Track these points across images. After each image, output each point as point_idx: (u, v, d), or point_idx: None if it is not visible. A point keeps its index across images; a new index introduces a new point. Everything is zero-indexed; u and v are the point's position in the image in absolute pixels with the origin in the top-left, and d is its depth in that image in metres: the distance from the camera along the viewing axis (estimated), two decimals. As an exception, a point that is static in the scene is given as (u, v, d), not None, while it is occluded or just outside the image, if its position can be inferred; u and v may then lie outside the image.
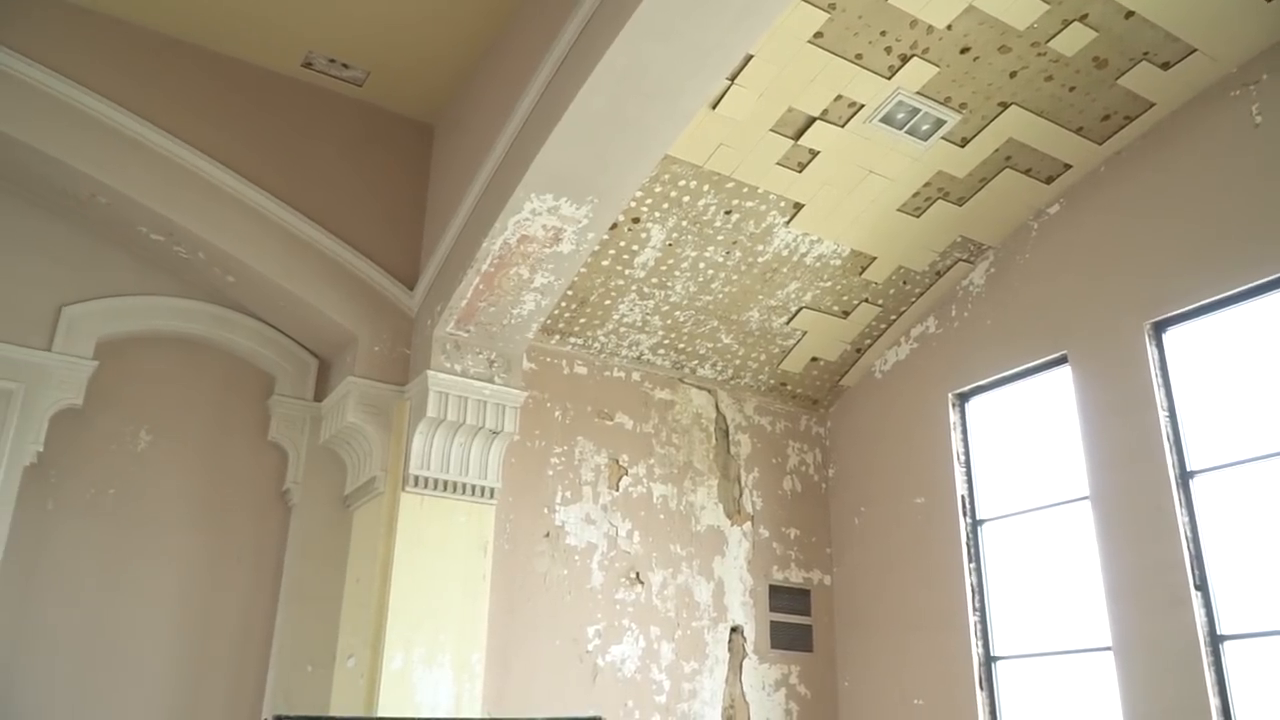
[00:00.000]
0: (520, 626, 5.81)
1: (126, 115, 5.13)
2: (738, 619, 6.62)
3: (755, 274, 6.47)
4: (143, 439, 5.45)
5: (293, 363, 5.93)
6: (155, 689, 5.13)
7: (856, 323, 6.97)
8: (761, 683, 6.57)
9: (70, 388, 5.15)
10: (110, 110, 5.09)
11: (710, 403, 7.03)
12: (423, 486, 5.36)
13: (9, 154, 5.04)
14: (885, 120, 5.69)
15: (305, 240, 5.53)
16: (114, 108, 5.10)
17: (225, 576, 5.47)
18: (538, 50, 4.83)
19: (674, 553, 6.52)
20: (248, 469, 5.71)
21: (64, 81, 5.00)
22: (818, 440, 7.47)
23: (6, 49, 4.89)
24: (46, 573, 5.03)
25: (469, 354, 5.57)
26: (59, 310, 5.24)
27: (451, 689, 5.10)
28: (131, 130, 5.14)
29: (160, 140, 5.20)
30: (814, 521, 7.21)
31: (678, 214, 5.98)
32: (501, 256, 5.19)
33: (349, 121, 5.96)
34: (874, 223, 6.32)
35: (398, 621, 5.07)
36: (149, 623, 5.21)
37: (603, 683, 5.98)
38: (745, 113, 5.51)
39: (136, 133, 5.15)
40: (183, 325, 5.65)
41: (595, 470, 6.39)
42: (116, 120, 5.10)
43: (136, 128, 5.15)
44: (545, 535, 6.07)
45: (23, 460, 4.96)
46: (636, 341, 6.64)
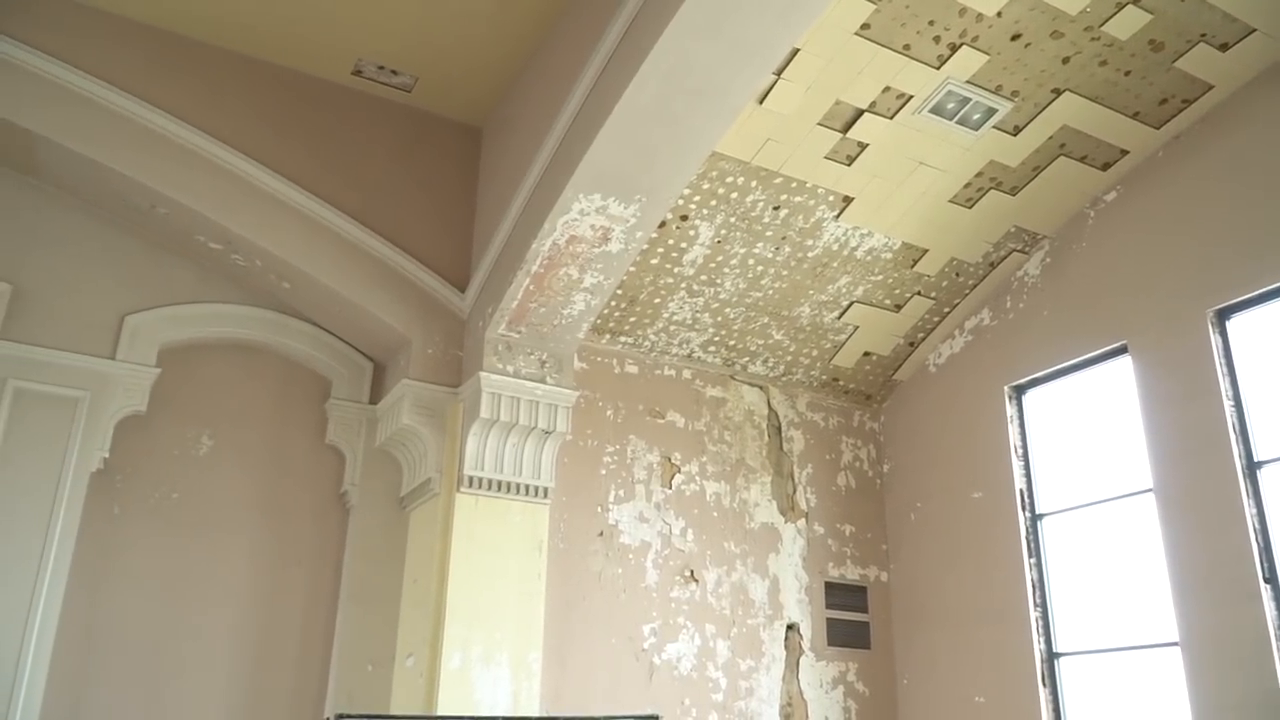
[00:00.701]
0: (576, 625, 5.83)
1: (184, 127, 5.25)
2: (793, 616, 6.58)
3: (805, 269, 6.43)
4: (204, 443, 5.57)
5: (348, 366, 6.02)
6: (221, 688, 5.25)
7: (909, 316, 6.89)
8: (819, 680, 6.53)
9: (134, 394, 5.29)
10: (168, 122, 5.22)
11: (762, 399, 7.00)
12: (477, 487, 5.40)
13: (73, 168, 5.19)
14: (935, 111, 5.62)
15: (358, 245, 5.61)
16: (172, 120, 5.23)
17: (286, 577, 5.57)
18: (583, 51, 4.84)
19: (728, 550, 6.50)
20: (306, 471, 5.81)
21: (123, 95, 5.13)
22: (871, 436, 7.40)
23: (69, 65, 5.03)
24: (115, 575, 5.16)
25: (520, 355, 5.60)
26: (122, 319, 5.38)
27: (509, 687, 5.14)
28: (189, 142, 5.26)
29: (216, 151, 5.31)
30: (869, 517, 7.15)
31: (726, 210, 5.96)
32: (551, 257, 5.21)
33: (399, 127, 6.04)
34: (925, 215, 6.25)
35: (455, 621, 5.12)
36: (214, 623, 5.32)
37: (659, 681, 5.99)
38: (792, 107, 5.47)
39: (193, 144, 5.27)
40: (241, 331, 5.77)
41: (648, 469, 6.39)
42: (174, 132, 5.23)
43: (194, 139, 5.27)
44: (599, 534, 6.09)
45: (90, 466, 5.10)
46: (687, 339, 6.64)
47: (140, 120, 5.17)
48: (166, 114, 5.23)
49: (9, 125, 4.95)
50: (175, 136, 5.23)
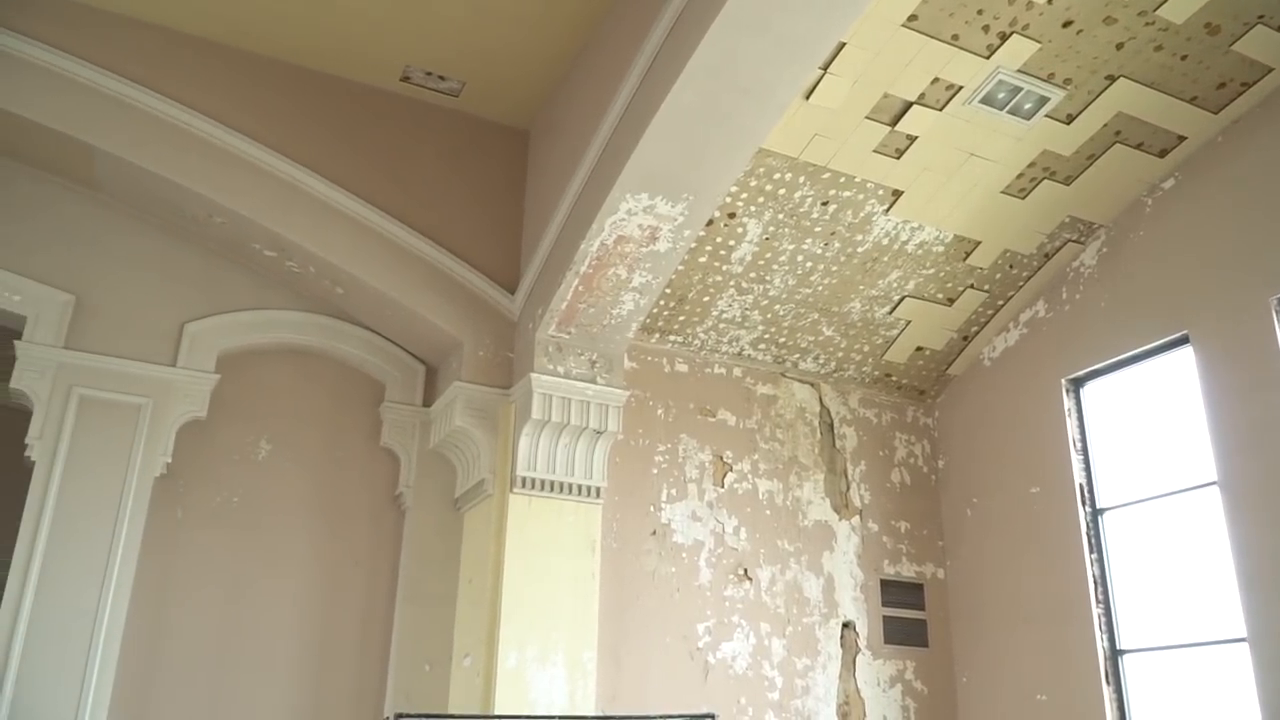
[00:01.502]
0: (630, 624, 5.84)
1: (238, 137, 5.35)
2: (849, 614, 6.53)
3: (855, 264, 6.37)
4: (263, 448, 5.67)
5: (401, 370, 6.09)
6: (283, 687, 5.34)
7: (962, 310, 6.80)
8: (876, 679, 6.47)
9: (195, 401, 5.40)
10: (223, 133, 5.32)
11: (813, 396, 6.95)
12: (530, 487, 5.43)
13: (131, 180, 5.32)
14: (985, 101, 5.54)
15: (409, 250, 5.67)
16: (226, 130, 5.33)
17: (344, 579, 5.65)
18: (628, 51, 4.85)
19: (782, 548, 6.47)
20: (362, 474, 5.89)
21: (179, 107, 5.25)
22: (925, 431, 7.31)
23: (127, 80, 5.16)
24: (179, 577, 5.28)
25: (571, 355, 5.62)
26: (182, 327, 5.50)
27: (565, 687, 5.16)
28: (243, 151, 5.36)
29: (270, 160, 5.40)
30: (925, 514, 7.06)
31: (774, 207, 5.93)
32: (599, 258, 5.23)
33: (447, 131, 6.09)
34: (977, 207, 6.16)
35: (510, 621, 5.15)
36: (275, 624, 5.42)
37: (714, 680, 5.97)
38: (839, 101, 5.43)
39: (248, 154, 5.36)
40: (297, 337, 5.87)
41: (699, 467, 6.38)
42: (229, 143, 5.33)
43: (248, 149, 5.36)
44: (652, 533, 6.09)
45: (153, 471, 5.22)
46: (736, 337, 6.61)
47: (196, 131, 5.28)
48: (221, 125, 5.33)
49: (70, 140, 5.08)
50: (230, 147, 5.33)
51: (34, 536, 4.87)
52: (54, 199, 5.43)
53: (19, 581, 4.78)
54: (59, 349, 5.18)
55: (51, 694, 4.69)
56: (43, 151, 5.27)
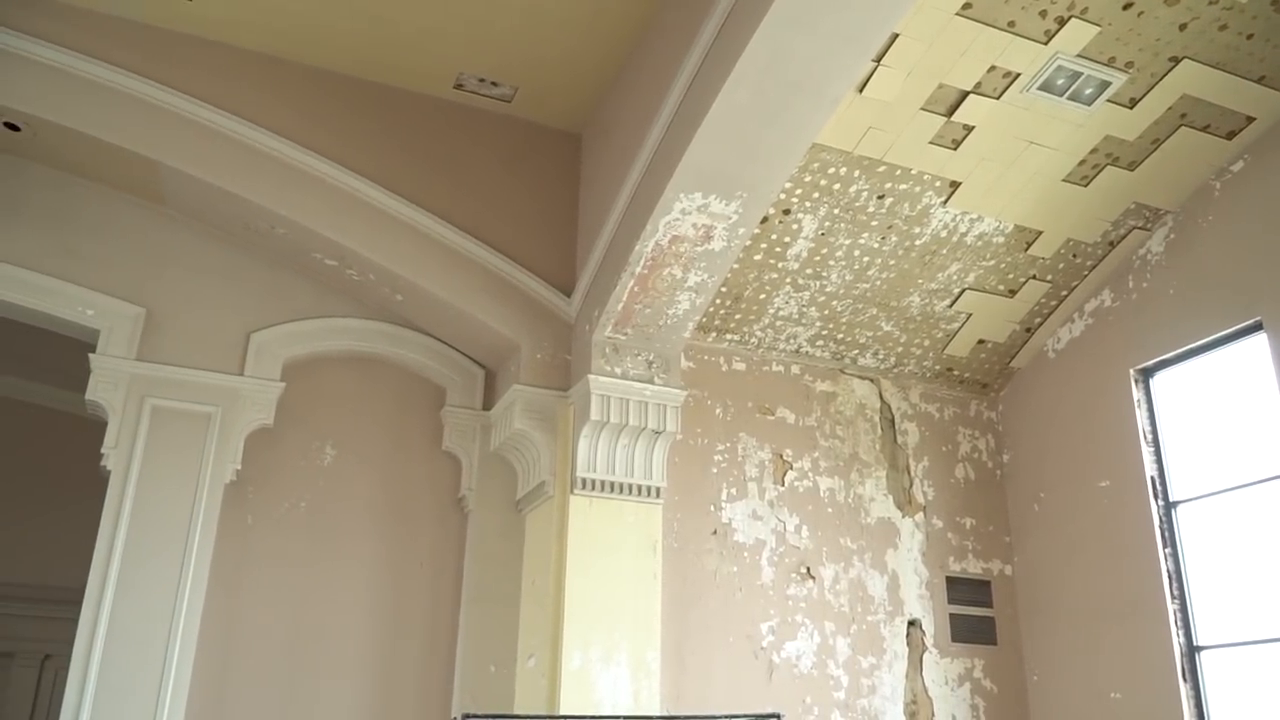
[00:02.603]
0: (693, 624, 5.84)
1: (298, 149, 5.45)
2: (915, 612, 6.45)
3: (913, 258, 6.29)
4: (328, 453, 5.78)
5: (461, 374, 6.15)
6: (353, 688, 5.43)
7: (1025, 301, 6.67)
8: (944, 677, 6.38)
9: (262, 408, 5.52)
10: (283, 145, 5.43)
11: (873, 392, 6.88)
12: (590, 489, 5.45)
13: (196, 194, 5.46)
14: (1044, 88, 5.43)
15: (466, 255, 5.73)
16: (286, 143, 5.44)
17: (410, 581, 5.73)
18: (678, 51, 4.84)
19: (844, 546, 6.41)
20: (425, 478, 5.97)
21: (240, 122, 5.36)
22: (989, 425, 7.19)
23: (191, 97, 5.29)
24: (250, 581, 5.40)
25: (628, 356, 5.63)
26: (248, 336, 5.63)
27: (629, 687, 5.17)
28: (303, 163, 5.46)
29: (329, 170, 5.50)
30: (990, 510, 6.95)
31: (829, 202, 5.88)
32: (654, 258, 5.23)
33: (500, 137, 6.15)
34: (1038, 196, 6.04)
35: (574, 621, 5.18)
36: (343, 626, 5.51)
37: (779, 679, 5.94)
38: (894, 93, 5.36)
39: (307, 165, 5.47)
40: (359, 344, 5.97)
41: (759, 466, 6.35)
42: (289, 155, 5.44)
43: (307, 160, 5.47)
44: (713, 533, 6.08)
45: (224, 478, 5.34)
46: (794, 334, 6.57)
47: (257, 145, 5.39)
48: (281, 137, 5.44)
49: (137, 157, 5.23)
50: (290, 159, 5.44)
51: (111, 543, 5.02)
52: (123, 215, 5.59)
53: (98, 586, 4.94)
54: (131, 361, 5.33)
55: (131, 696, 4.83)
56: (112, 169, 5.43)
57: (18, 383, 8.99)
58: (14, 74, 5.02)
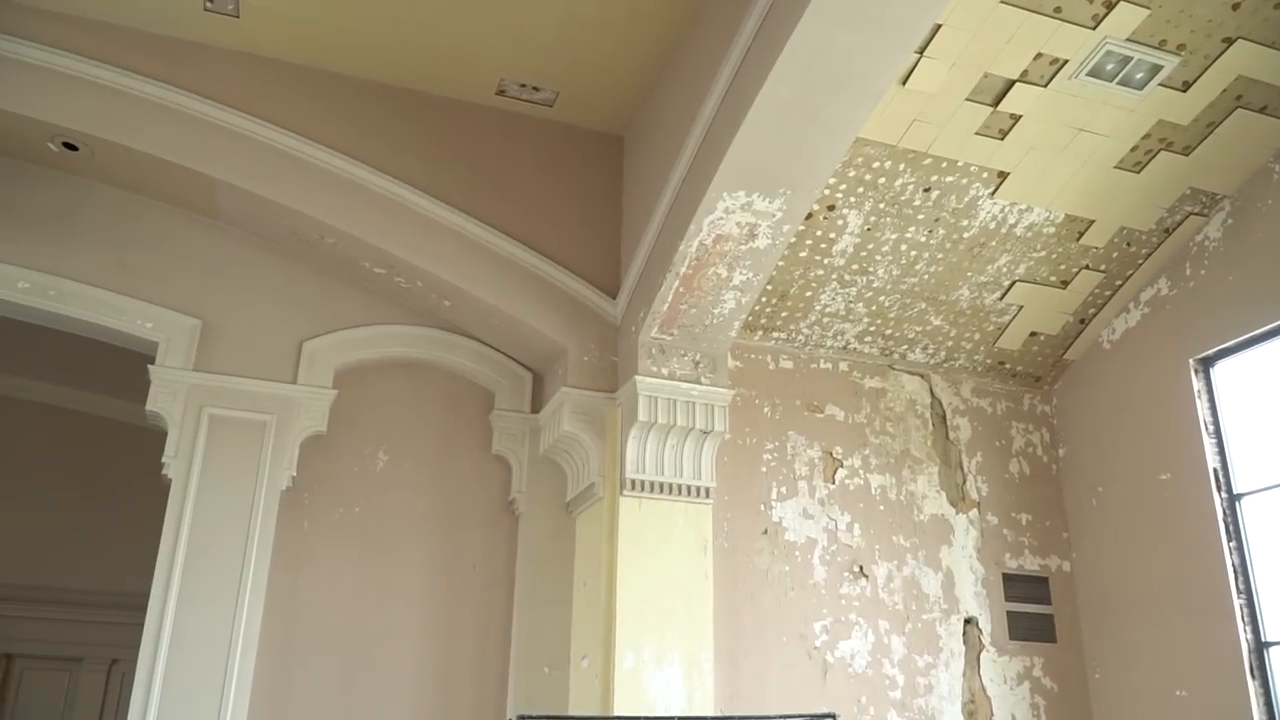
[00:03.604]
0: (746, 624, 5.82)
1: (345, 160, 5.54)
2: (971, 610, 6.36)
3: (962, 251, 6.21)
4: (381, 459, 5.85)
5: (509, 378, 6.20)
6: (410, 689, 5.50)
7: (1078, 292, 6.55)
8: (1003, 676, 6.28)
9: (315, 416, 5.62)
10: (329, 156, 5.52)
11: (924, 388, 6.80)
12: (640, 489, 5.46)
13: (248, 207, 5.57)
14: (1093, 74, 5.33)
15: (512, 260, 5.78)
16: (332, 154, 5.53)
17: (463, 584, 5.79)
18: (718, 50, 4.83)
19: (897, 544, 6.34)
20: (475, 482, 6.02)
21: (288, 134, 5.47)
22: (1044, 419, 7.07)
23: (241, 112, 5.40)
24: (308, 585, 5.49)
25: (674, 357, 5.63)
26: (300, 345, 5.73)
27: (683, 687, 5.16)
28: (350, 173, 5.54)
29: (376, 180, 5.58)
30: (1047, 505, 6.83)
31: (874, 197, 5.83)
32: (698, 258, 5.22)
33: (543, 141, 6.18)
34: (1089, 184, 5.93)
35: (626, 622, 5.19)
36: (399, 628, 5.58)
37: (833, 679, 5.90)
38: (937, 85, 5.30)
39: (355, 175, 5.55)
40: (408, 350, 6.04)
41: (809, 464, 6.31)
42: (337, 165, 5.53)
43: (355, 170, 5.55)
44: (763, 532, 6.05)
45: (280, 485, 5.44)
46: (841, 331, 6.52)
47: (306, 157, 5.49)
48: (329, 149, 5.53)
49: (192, 173, 5.36)
50: (338, 170, 5.53)
51: (173, 550, 5.14)
52: (178, 230, 5.72)
53: (161, 592, 5.06)
54: (189, 372, 5.46)
55: (195, 699, 4.94)
56: (167, 186, 5.56)
57: (81, 395, 9.25)
58: (71, 95, 5.17)
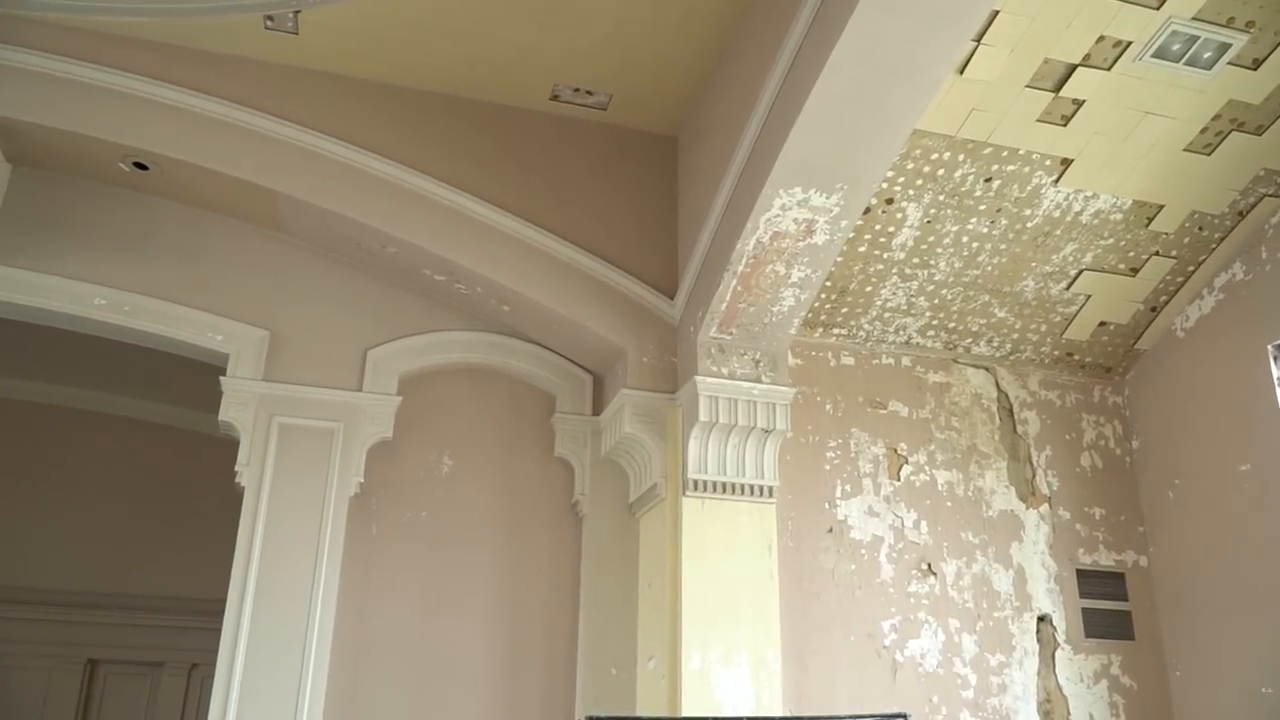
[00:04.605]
0: (812, 624, 5.77)
1: (403, 170, 5.63)
2: (1044, 607, 6.23)
3: (1025, 241, 6.09)
4: (445, 463, 5.93)
5: (570, 381, 6.23)
6: (479, 692, 5.55)
7: (1148, 279, 6.38)
8: (1079, 674, 6.14)
9: (381, 422, 5.70)
10: (389, 167, 5.61)
11: (989, 381, 6.68)
12: (702, 490, 5.45)
13: (311, 219, 5.69)
14: (1158, 55, 5.19)
15: (569, 264, 5.81)
16: (392, 164, 5.62)
17: (528, 586, 5.83)
18: (771, 45, 4.81)
19: (966, 541, 6.24)
20: (539, 485, 6.06)
21: (348, 147, 5.57)
22: (1115, 411, 6.90)
23: (303, 127, 5.52)
24: (377, 589, 5.57)
25: (734, 356, 5.61)
26: (365, 353, 5.82)
27: (750, 688, 5.14)
28: (409, 183, 5.63)
29: (434, 188, 5.66)
30: (1121, 499, 6.66)
31: (933, 189, 5.75)
32: (756, 256, 5.20)
33: (597, 144, 6.21)
34: (1157, 168, 5.77)
35: (692, 623, 5.18)
36: (467, 631, 5.64)
37: (903, 679, 5.82)
38: (996, 72, 5.21)
39: (414, 184, 5.64)
40: (469, 356, 6.10)
41: (873, 461, 6.24)
42: (396, 176, 5.62)
43: (413, 180, 5.64)
44: (828, 531, 6.00)
45: (348, 491, 5.54)
46: (903, 325, 6.44)
47: (366, 168, 5.59)
48: (388, 159, 5.63)
49: (257, 188, 5.49)
50: (397, 179, 5.62)
51: (248, 556, 5.26)
52: (245, 243, 5.86)
53: (237, 597, 5.18)
54: (258, 381, 5.58)
55: (272, 701, 5.05)
56: (233, 201, 5.70)
57: (156, 406, 9.53)
58: (142, 117, 5.32)
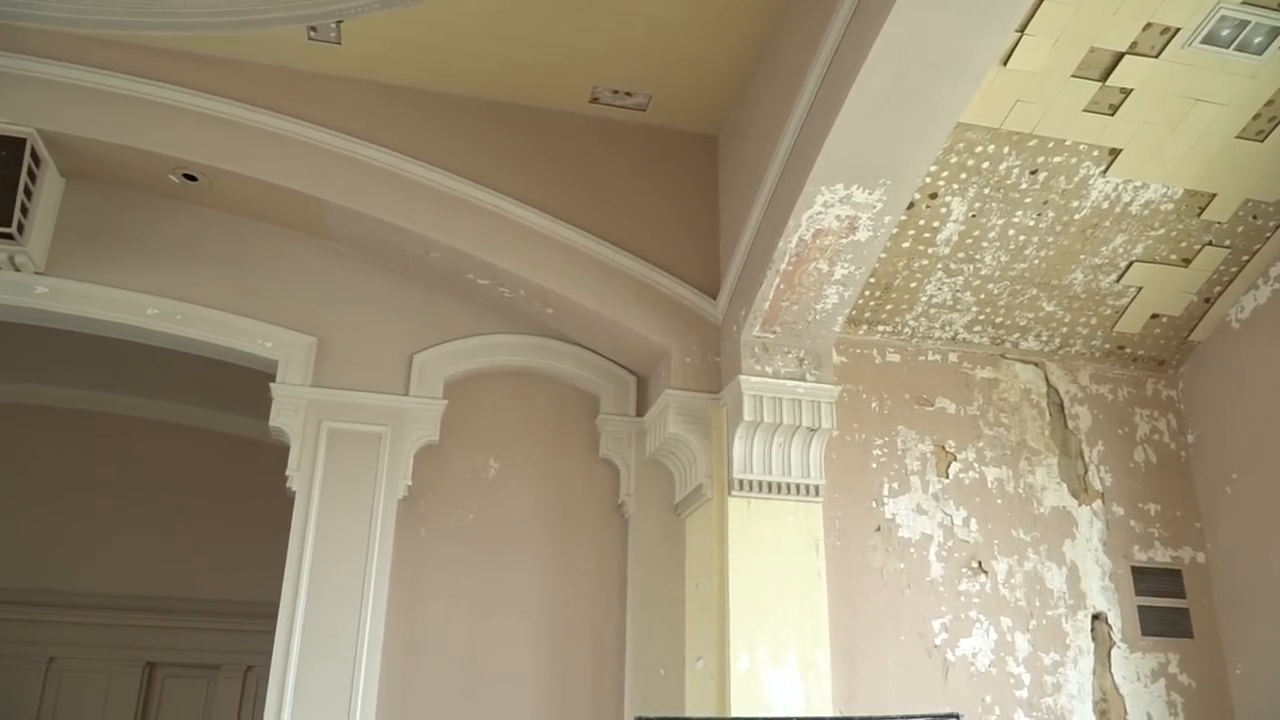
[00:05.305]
0: (861, 624, 5.72)
1: (445, 175, 5.68)
2: (1099, 605, 6.12)
3: (1073, 233, 5.99)
4: (491, 466, 5.97)
5: (613, 382, 6.24)
6: (528, 693, 5.58)
7: (1201, 270, 6.25)
8: (1136, 673, 6.03)
9: (428, 426, 5.75)
10: (431, 173, 5.67)
11: (1038, 376, 6.58)
12: (748, 490, 5.43)
13: (356, 226, 5.75)
14: (1208, 40, 5.08)
15: (611, 265, 5.82)
16: (436, 170, 5.67)
17: (575, 588, 5.85)
18: (811, 41, 4.78)
19: (1017, 538, 6.15)
20: (584, 486, 6.08)
21: (392, 154, 5.63)
22: (1169, 404, 6.76)
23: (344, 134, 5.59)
24: (427, 591, 5.62)
25: (778, 355, 5.59)
26: (410, 358, 5.87)
27: (800, 688, 5.11)
28: (451, 188, 5.68)
29: (475, 193, 5.70)
30: (1176, 494, 6.52)
31: (978, 182, 5.68)
32: (798, 254, 5.17)
33: (637, 145, 6.22)
34: (1209, 156, 5.66)
35: (739, 623, 5.16)
36: (516, 632, 5.67)
37: (955, 678, 5.75)
38: (1040, 63, 5.13)
39: (456, 190, 5.69)
40: (513, 359, 6.14)
41: (921, 459, 6.18)
42: (438, 181, 5.67)
43: (455, 185, 5.69)
44: (876, 529, 5.95)
45: (397, 494, 5.59)
46: (949, 321, 6.36)
47: (409, 175, 5.65)
48: (430, 165, 5.68)
49: (303, 196, 5.57)
50: (439, 185, 5.67)
51: (300, 559, 5.33)
52: (292, 251, 5.94)
53: (290, 600, 5.26)
54: (307, 387, 5.65)
55: (325, 702, 5.12)
56: (279, 209, 5.78)
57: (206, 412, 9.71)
58: (191, 129, 5.43)
